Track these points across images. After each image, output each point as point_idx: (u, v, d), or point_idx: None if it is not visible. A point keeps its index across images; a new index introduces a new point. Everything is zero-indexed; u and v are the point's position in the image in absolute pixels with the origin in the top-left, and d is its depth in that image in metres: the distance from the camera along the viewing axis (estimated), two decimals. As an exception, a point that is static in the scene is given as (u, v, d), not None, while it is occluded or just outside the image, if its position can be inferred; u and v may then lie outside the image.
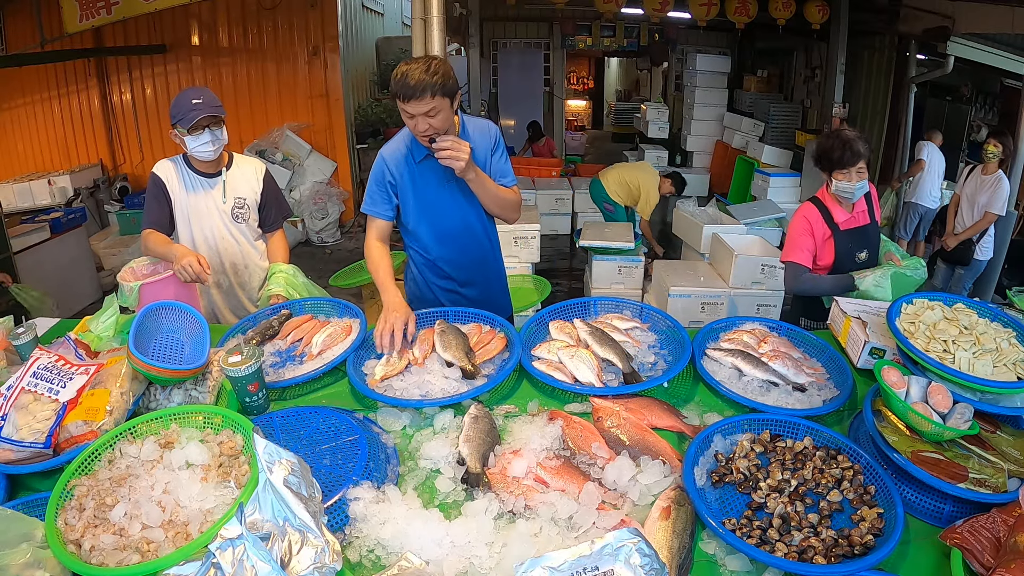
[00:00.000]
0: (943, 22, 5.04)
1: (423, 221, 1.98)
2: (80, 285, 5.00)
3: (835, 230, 2.21)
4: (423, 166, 1.91)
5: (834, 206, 2.22)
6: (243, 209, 2.24)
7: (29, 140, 7.09)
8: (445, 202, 1.95)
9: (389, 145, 1.96)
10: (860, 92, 6.77)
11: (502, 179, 1.95)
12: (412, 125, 1.76)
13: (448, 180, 1.92)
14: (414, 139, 1.87)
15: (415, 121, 1.74)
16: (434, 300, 2.10)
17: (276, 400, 1.56)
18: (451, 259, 2.04)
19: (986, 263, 4.42)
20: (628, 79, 15.02)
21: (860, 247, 2.24)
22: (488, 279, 2.15)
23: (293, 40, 6.56)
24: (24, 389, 1.31)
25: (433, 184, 1.93)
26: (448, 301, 2.08)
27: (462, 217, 1.99)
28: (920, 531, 1.16)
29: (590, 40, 8.91)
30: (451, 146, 1.70)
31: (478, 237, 2.04)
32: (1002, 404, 1.30)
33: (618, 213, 5.18)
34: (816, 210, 2.23)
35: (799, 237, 2.22)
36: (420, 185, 1.93)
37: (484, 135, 1.93)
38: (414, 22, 3.21)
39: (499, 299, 2.20)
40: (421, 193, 1.94)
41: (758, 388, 1.51)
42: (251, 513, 0.93)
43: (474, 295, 2.10)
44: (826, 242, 2.22)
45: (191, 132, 2.02)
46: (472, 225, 2.01)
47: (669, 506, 1.13)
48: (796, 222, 2.26)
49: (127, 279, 1.94)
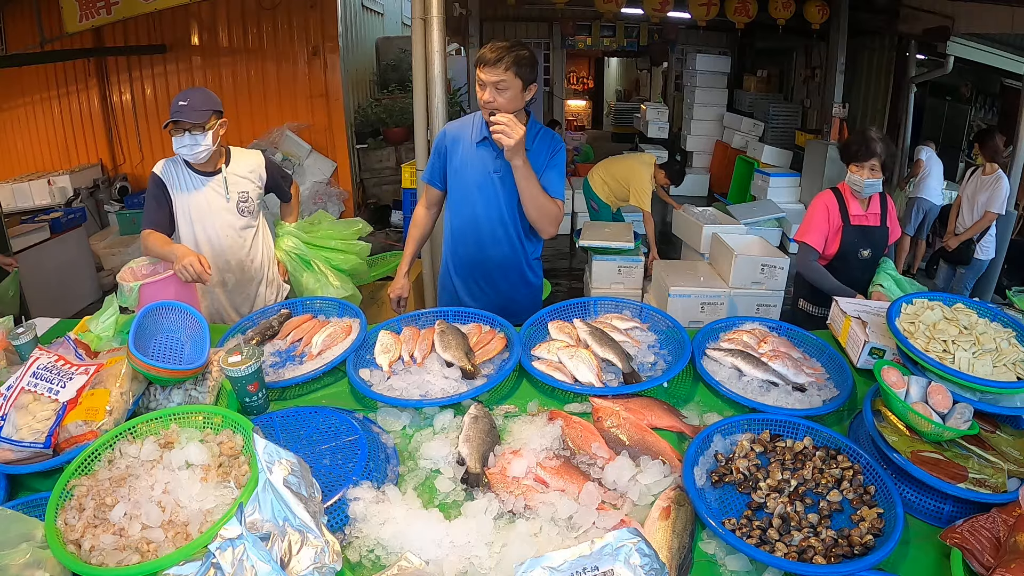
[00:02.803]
0: (943, 22, 5.04)
1: (462, 203, 2.03)
2: (80, 285, 5.00)
3: (846, 222, 2.33)
4: (480, 148, 1.96)
5: (851, 199, 2.36)
6: (247, 203, 2.26)
7: (29, 140, 7.08)
8: (488, 190, 1.98)
9: (455, 122, 2.06)
10: (860, 92, 6.77)
11: (548, 189, 1.94)
12: (480, 94, 1.84)
13: (495, 170, 1.95)
14: (481, 121, 1.94)
15: (485, 90, 1.82)
16: (453, 293, 2.13)
17: (276, 400, 1.56)
18: (478, 252, 2.05)
19: (987, 263, 4.42)
20: (628, 79, 15.02)
21: (865, 245, 2.35)
22: (515, 286, 2.11)
23: (293, 40, 6.56)
24: (24, 389, 1.31)
25: (479, 168, 1.97)
26: (469, 296, 2.10)
27: (497, 210, 1.99)
28: (920, 531, 1.16)
29: (590, 40, 8.91)
30: (508, 122, 1.75)
31: (507, 238, 2.03)
32: (1002, 404, 1.30)
33: (602, 213, 4.90)
34: (835, 199, 2.36)
35: (816, 220, 2.36)
36: (472, 166, 1.98)
37: (546, 143, 1.97)
38: (414, 22, 3.21)
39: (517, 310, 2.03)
40: (469, 174, 1.98)
41: (758, 388, 1.51)
42: (251, 513, 0.93)
43: (495, 298, 2.08)
44: (836, 232, 2.34)
45: (172, 134, 2.04)
46: (504, 223, 2.01)
47: (669, 506, 1.13)
48: (816, 207, 2.39)
49: (127, 279, 1.94)
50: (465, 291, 2.12)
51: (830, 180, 5.94)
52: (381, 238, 6.91)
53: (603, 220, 4.91)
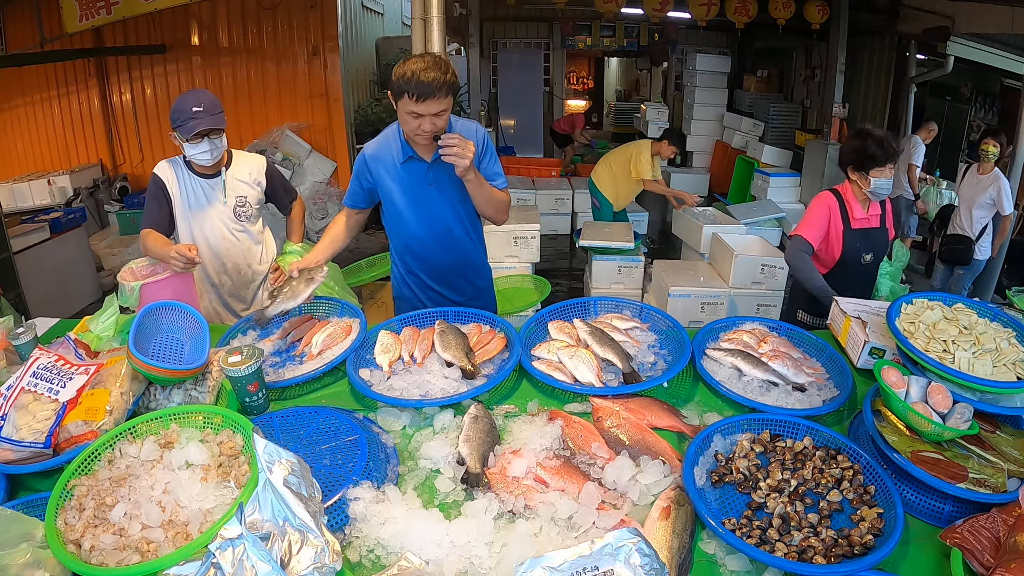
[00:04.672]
0: (943, 22, 5.04)
1: (405, 222, 1.97)
2: (80, 285, 5.00)
3: (847, 226, 2.26)
4: (407, 167, 1.89)
5: (853, 203, 2.28)
6: (244, 207, 2.24)
7: (29, 140, 7.08)
8: (428, 204, 1.93)
9: (372, 144, 1.94)
10: (860, 92, 6.77)
11: (493, 181, 1.93)
12: (416, 125, 1.72)
13: (431, 182, 1.90)
14: (398, 139, 1.85)
15: (421, 121, 1.69)
16: (415, 300, 2.08)
17: (276, 400, 1.56)
18: (433, 261, 2.02)
19: (984, 263, 4.42)
20: (628, 79, 15.01)
21: (867, 249, 2.29)
22: (472, 282, 2.12)
23: (293, 40, 6.56)
24: (24, 389, 1.31)
25: (416, 185, 1.91)
26: (431, 303, 2.07)
27: (443, 219, 1.96)
28: (920, 531, 1.16)
29: (590, 40, 8.92)
30: (459, 143, 1.67)
31: (460, 239, 2.02)
32: (1002, 404, 1.30)
33: (604, 212, 4.87)
34: (836, 202, 2.28)
35: (817, 218, 2.28)
36: (405, 186, 1.91)
37: (471, 135, 1.85)
38: (414, 22, 3.21)
39: (485, 301, 2.16)
40: (405, 194, 1.92)
41: (758, 388, 1.51)
42: (251, 513, 0.93)
43: (458, 298, 2.09)
44: (838, 237, 2.27)
45: (190, 140, 2.03)
46: (453, 227, 1.99)
47: (669, 506, 1.14)
48: (817, 206, 2.31)
49: (127, 279, 1.94)
50: (427, 299, 2.09)
51: (830, 180, 5.94)
52: (381, 238, 6.91)
53: (604, 220, 4.90)
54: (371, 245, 6.58)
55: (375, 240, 6.84)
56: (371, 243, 6.72)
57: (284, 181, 2.40)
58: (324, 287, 2.33)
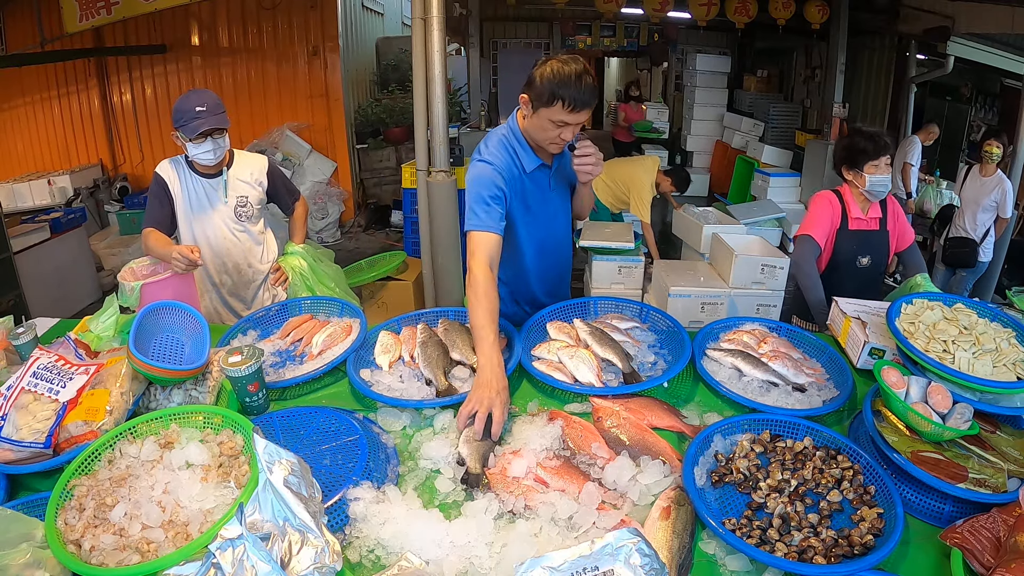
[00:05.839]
0: (943, 22, 5.04)
1: (527, 234, 1.84)
2: (80, 285, 5.00)
3: (843, 227, 2.23)
4: (533, 176, 1.76)
5: (851, 203, 2.25)
6: (245, 207, 2.24)
7: (29, 140, 7.09)
8: (548, 213, 1.86)
9: (490, 153, 1.70)
10: (860, 92, 6.77)
11: None
12: (556, 134, 1.58)
13: (551, 189, 1.82)
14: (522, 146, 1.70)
15: (564, 130, 1.56)
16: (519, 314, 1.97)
17: (276, 400, 1.56)
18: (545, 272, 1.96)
19: (987, 264, 4.42)
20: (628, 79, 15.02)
21: (864, 252, 2.25)
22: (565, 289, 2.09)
23: (293, 40, 6.57)
24: (24, 389, 1.31)
25: (538, 196, 1.80)
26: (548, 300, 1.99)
27: (561, 227, 1.93)
28: (920, 531, 1.16)
29: (590, 40, 8.91)
30: (594, 152, 1.58)
31: (567, 247, 2.01)
32: (1002, 404, 1.30)
33: (601, 215, 4.79)
34: (837, 200, 2.25)
35: (821, 216, 2.24)
36: (530, 198, 1.78)
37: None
38: (414, 22, 3.21)
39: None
40: (530, 206, 1.79)
41: (758, 388, 1.51)
42: (251, 513, 0.93)
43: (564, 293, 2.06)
44: (834, 235, 2.25)
45: (193, 140, 2.03)
46: (566, 236, 1.97)
47: (669, 506, 1.13)
48: (820, 203, 2.28)
49: (127, 279, 1.94)
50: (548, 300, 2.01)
51: (830, 180, 5.93)
52: (381, 238, 6.92)
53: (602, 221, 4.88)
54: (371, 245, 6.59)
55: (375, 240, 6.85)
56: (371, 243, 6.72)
57: (286, 181, 2.40)
58: (324, 287, 2.33)
